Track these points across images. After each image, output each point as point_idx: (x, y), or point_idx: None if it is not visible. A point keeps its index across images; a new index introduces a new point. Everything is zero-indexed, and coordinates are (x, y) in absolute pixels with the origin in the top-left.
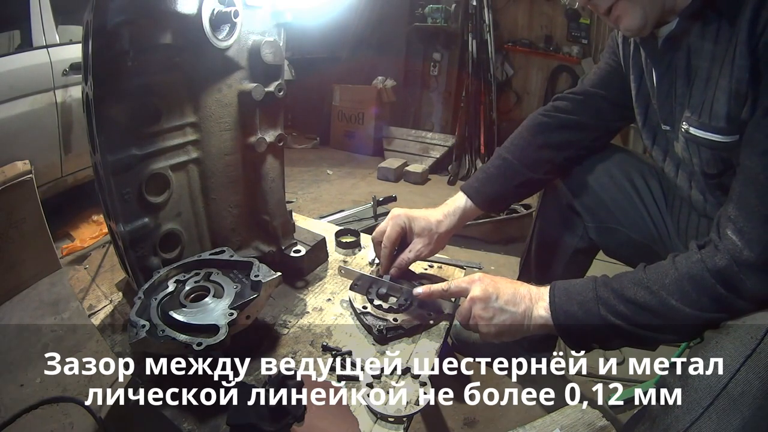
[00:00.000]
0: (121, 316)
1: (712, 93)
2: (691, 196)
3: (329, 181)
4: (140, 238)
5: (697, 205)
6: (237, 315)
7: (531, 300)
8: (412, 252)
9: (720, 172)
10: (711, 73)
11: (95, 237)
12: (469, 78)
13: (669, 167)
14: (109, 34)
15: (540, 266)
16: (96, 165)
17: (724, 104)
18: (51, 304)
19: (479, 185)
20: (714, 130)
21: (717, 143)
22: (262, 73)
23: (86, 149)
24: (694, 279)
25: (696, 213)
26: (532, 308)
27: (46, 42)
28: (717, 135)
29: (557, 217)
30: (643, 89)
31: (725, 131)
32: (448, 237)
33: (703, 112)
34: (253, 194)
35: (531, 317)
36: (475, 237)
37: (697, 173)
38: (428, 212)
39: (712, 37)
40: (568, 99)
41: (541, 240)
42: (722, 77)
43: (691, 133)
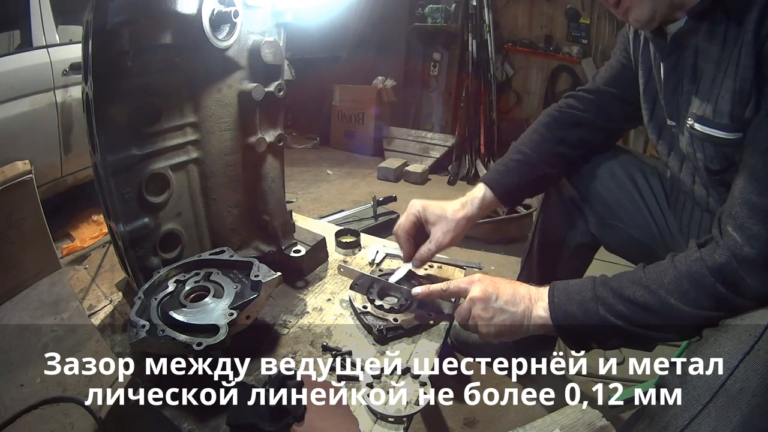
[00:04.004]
0: (121, 316)
1: (717, 91)
2: (695, 191)
3: (329, 181)
4: (140, 238)
5: (700, 200)
6: (237, 315)
7: (530, 300)
8: (432, 242)
9: (723, 169)
10: (717, 72)
11: (95, 237)
12: (469, 78)
13: (673, 162)
14: (109, 34)
15: (541, 261)
16: (96, 165)
17: (728, 102)
18: (51, 304)
19: (499, 177)
20: (718, 127)
21: (720, 140)
22: (262, 73)
23: (86, 149)
24: (693, 277)
25: (699, 209)
26: (532, 308)
27: (46, 42)
28: (721, 132)
29: (560, 212)
30: (651, 84)
31: (729, 128)
32: (468, 225)
33: (707, 110)
34: (253, 194)
35: (530, 317)
36: (475, 237)
37: (701, 169)
38: (445, 202)
39: (720, 37)
40: (580, 97)
41: (543, 234)
42: (727, 76)
43: (696, 129)
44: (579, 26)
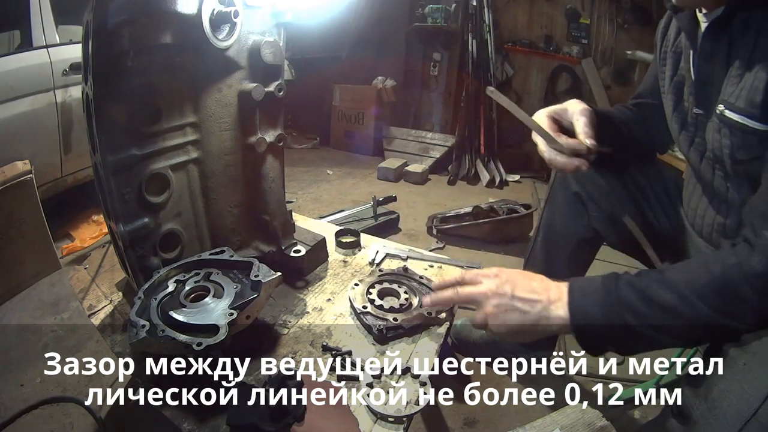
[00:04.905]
0: (121, 316)
1: (750, 81)
2: (714, 182)
3: (329, 181)
4: (140, 238)
5: (719, 191)
6: (237, 315)
7: (548, 299)
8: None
9: (749, 159)
10: (751, 61)
11: (95, 237)
12: (469, 78)
13: (694, 154)
14: (109, 34)
15: (544, 256)
16: (96, 165)
17: (761, 92)
18: (51, 304)
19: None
20: (749, 116)
21: (750, 129)
22: (262, 73)
23: (86, 149)
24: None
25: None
26: (549, 307)
27: (46, 42)
28: (751, 120)
29: (564, 206)
30: (679, 77)
31: (759, 118)
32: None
33: (739, 98)
34: (253, 194)
35: (548, 317)
36: (475, 237)
37: (725, 157)
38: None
39: (755, 27)
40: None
41: (547, 229)
42: (761, 67)
43: (726, 116)
44: (579, 26)
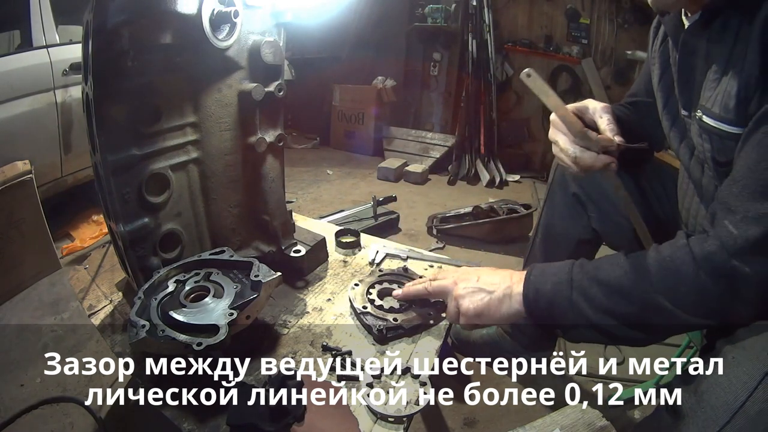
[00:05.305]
0: (121, 316)
1: (725, 86)
2: (703, 181)
3: (329, 181)
4: (140, 238)
5: (707, 189)
6: (237, 315)
7: (511, 281)
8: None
9: (729, 161)
10: (726, 66)
11: (95, 237)
12: (469, 78)
13: (684, 152)
14: (109, 34)
15: (543, 256)
16: (96, 165)
17: (734, 97)
18: (51, 304)
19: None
20: (724, 121)
21: (726, 133)
22: (262, 73)
23: (86, 149)
24: (675, 263)
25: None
26: (512, 287)
27: (46, 42)
28: (726, 125)
29: (563, 207)
30: (667, 76)
31: (734, 123)
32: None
33: (715, 103)
34: (253, 194)
35: (510, 296)
36: (475, 237)
37: (709, 159)
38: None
39: (732, 32)
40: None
41: (546, 229)
42: (735, 71)
43: (704, 122)
44: (579, 26)
